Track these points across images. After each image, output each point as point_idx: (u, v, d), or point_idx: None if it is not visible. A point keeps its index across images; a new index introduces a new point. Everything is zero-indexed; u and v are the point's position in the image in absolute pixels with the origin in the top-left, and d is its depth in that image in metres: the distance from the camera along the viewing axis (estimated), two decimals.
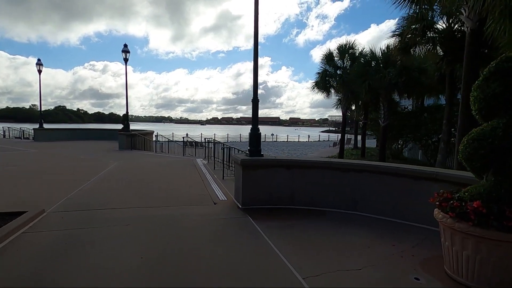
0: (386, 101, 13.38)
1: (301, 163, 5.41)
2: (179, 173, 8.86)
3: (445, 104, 14.89)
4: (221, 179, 8.16)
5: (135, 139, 15.97)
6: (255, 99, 5.62)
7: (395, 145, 17.21)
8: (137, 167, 10.01)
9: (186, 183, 7.38)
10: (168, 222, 4.37)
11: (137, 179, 7.81)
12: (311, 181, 5.36)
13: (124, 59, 15.34)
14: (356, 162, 5.14)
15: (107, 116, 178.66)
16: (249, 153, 5.53)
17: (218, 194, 6.40)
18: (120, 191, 6.32)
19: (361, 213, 5.08)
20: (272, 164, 5.40)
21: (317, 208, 5.33)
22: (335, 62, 15.65)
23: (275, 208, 5.34)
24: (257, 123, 5.70)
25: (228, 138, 40.99)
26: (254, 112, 5.65)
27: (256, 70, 5.60)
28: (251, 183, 5.35)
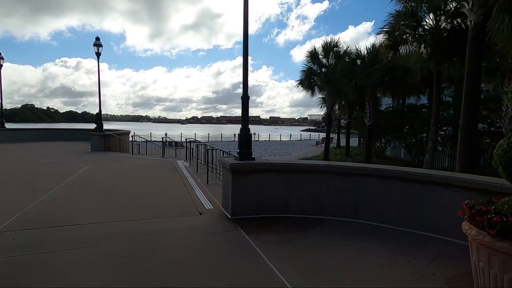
0: (372, 99, 13.27)
1: (297, 167, 4.89)
2: (159, 178, 8.08)
3: (428, 104, 15.07)
4: (205, 183, 7.50)
5: (109, 140, 14.84)
6: (245, 96, 5.03)
7: (378, 144, 17.25)
8: (110, 171, 9.10)
9: (167, 190, 6.66)
10: (147, 241, 3.68)
11: (110, 186, 6.97)
12: (308, 187, 4.87)
13: (96, 53, 14.17)
14: (358, 166, 4.69)
15: (80, 115, 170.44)
16: (238, 156, 4.94)
17: (203, 201, 5.75)
18: (89, 202, 5.50)
19: (363, 221, 4.64)
20: (265, 169, 4.84)
21: (315, 217, 4.84)
22: (320, 60, 15.37)
23: (269, 217, 4.79)
24: (248, 122, 5.12)
25: (209, 138, 40.00)
26: (243, 111, 5.06)
27: (246, 65, 5.02)
28: (242, 190, 4.77)
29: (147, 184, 7.23)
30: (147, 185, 7.07)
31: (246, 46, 4.98)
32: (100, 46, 14.16)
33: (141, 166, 10.13)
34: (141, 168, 9.67)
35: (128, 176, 8.34)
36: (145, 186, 6.95)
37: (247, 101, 5.07)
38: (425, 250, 3.58)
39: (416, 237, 4.04)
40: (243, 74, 5.02)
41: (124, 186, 6.99)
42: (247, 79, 5.04)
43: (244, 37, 4.96)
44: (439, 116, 9.64)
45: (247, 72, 5.04)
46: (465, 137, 4.98)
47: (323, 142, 31.55)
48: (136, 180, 7.77)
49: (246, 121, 5.09)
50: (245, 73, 5.01)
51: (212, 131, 56.28)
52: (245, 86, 5.04)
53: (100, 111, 14.93)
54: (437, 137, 10.01)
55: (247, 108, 5.08)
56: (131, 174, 8.63)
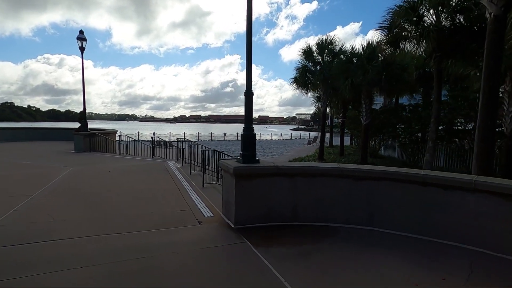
0: (368, 98, 13.04)
1: (305, 170, 4.46)
2: (150, 181, 7.50)
3: (423, 103, 15.00)
4: (200, 186, 6.99)
5: (94, 140, 14.04)
6: (248, 92, 4.56)
7: (372, 143, 17.11)
8: (96, 174, 8.43)
9: (160, 195, 6.11)
10: (140, 260, 3.16)
11: (97, 191, 6.36)
12: (317, 192, 4.46)
13: (80, 47, 13.32)
14: (372, 169, 4.31)
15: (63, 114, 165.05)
16: (242, 158, 4.46)
17: (201, 208, 5.25)
18: (72, 211, 4.90)
19: (378, 229, 4.26)
20: (271, 173, 4.39)
21: (326, 224, 4.44)
22: (315, 58, 15.03)
23: (276, 226, 4.35)
24: (251, 121, 4.65)
25: (199, 137, 39.20)
26: (247, 108, 4.59)
27: (250, 59, 4.54)
28: (246, 197, 4.31)
29: (138, 188, 6.65)
30: (138, 190, 6.49)
31: (250, 39, 4.51)
32: (84, 40, 13.32)
33: (129, 168, 9.49)
34: (130, 170, 9.04)
35: (116, 179, 7.71)
36: (136, 191, 6.37)
37: (251, 98, 4.61)
38: (455, 263, 3.22)
39: (439, 247, 3.69)
40: (246, 69, 4.56)
41: (112, 191, 6.39)
42: (250, 74, 4.57)
43: (248, 29, 4.50)
44: (439, 115, 9.45)
45: (250, 67, 4.57)
46: (484, 135, 4.70)
47: (314, 141, 31.42)
48: (125, 184, 7.17)
49: (249, 120, 4.62)
50: (248, 67, 4.54)
51: (202, 130, 55.42)
52: (249, 81, 4.57)
53: (85, 109, 14.09)
54: (437, 136, 9.82)
55: (250, 106, 4.61)
56: (119, 177, 8.00)
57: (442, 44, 8.55)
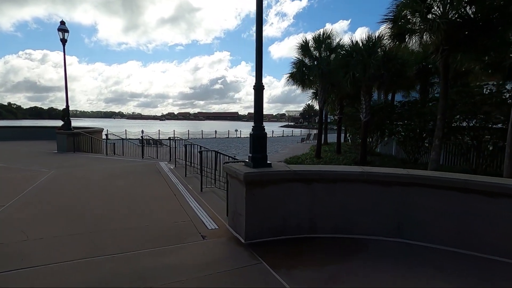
0: (368, 94, 12.61)
1: (325, 175, 3.89)
2: (142, 185, 6.79)
3: (421, 99, 14.70)
4: (198, 191, 6.35)
5: (79, 139, 13.08)
6: (258, 85, 3.94)
7: (369, 140, 16.77)
8: (81, 178, 7.62)
9: (155, 202, 5.42)
10: None
11: (80, 199, 5.61)
12: (338, 199, 3.91)
13: (62, 39, 12.31)
14: (402, 173, 3.77)
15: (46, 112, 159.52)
16: (252, 162, 3.85)
17: (202, 217, 4.61)
18: (51, 226, 4.17)
19: (408, 241, 3.76)
20: (286, 178, 3.80)
21: (348, 236, 3.90)
22: (312, 53, 14.48)
23: (292, 240, 3.78)
24: (262, 118, 4.04)
25: (189, 135, 38.22)
26: (256, 104, 3.97)
27: (260, 44, 3.92)
28: (258, 207, 3.71)
29: (129, 195, 5.93)
30: (129, 197, 5.78)
31: (260, 21, 3.88)
32: (66, 31, 12.31)
33: (118, 171, 8.70)
34: (119, 173, 8.26)
35: (104, 184, 6.95)
36: (127, 198, 5.66)
37: (262, 92, 3.99)
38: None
39: (485, 263, 3.20)
40: (256, 57, 3.92)
41: (99, 199, 5.65)
42: (261, 63, 3.95)
43: (258, 10, 3.87)
44: (446, 111, 9.06)
45: (261, 55, 3.94)
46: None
47: (308, 138, 31.05)
48: (114, 189, 6.42)
49: (260, 117, 4.01)
50: (258, 55, 3.92)
51: (191, 128, 54.32)
52: (259, 72, 3.94)
53: (68, 106, 13.10)
54: (444, 133, 9.46)
55: (261, 101, 4.00)
56: (106, 181, 7.23)
57: (451, 37, 8.13)
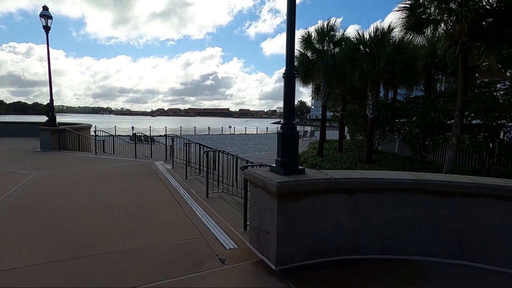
0: (375, 90, 12.00)
1: (371, 184, 3.18)
2: (137, 191, 5.95)
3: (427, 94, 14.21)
4: (204, 197, 5.58)
5: (65, 136, 12.04)
6: (290, 73, 3.18)
7: None
8: (66, 182, 6.71)
9: (155, 213, 4.62)
10: None
11: (66, 211, 4.75)
12: (385, 213, 3.22)
13: (44, 26, 11.19)
14: (466, 182, 3.10)
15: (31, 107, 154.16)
16: (282, 168, 3.11)
17: (215, 232, 3.86)
18: (27, 248, 3.33)
19: (471, 263, 3.10)
20: (326, 188, 3.07)
21: (396, 257, 3.23)
22: (315, 46, 13.77)
23: (332, 263, 3.08)
24: (293, 115, 3.30)
25: (182, 131, 37.11)
26: (288, 95, 3.22)
27: (293, 26, 3.15)
28: (292, 224, 2.98)
29: (124, 203, 5.09)
30: (124, 206, 4.94)
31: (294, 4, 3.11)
32: (50, 17, 11.19)
33: (110, 172, 7.81)
34: (111, 176, 7.37)
35: (93, 190, 6.07)
36: (121, 208, 4.82)
37: (294, 81, 3.23)
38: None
39: None
40: (287, 40, 3.16)
41: (88, 209, 4.81)
42: (293, 47, 3.19)
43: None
44: (465, 108, 8.52)
45: (293, 32, 3.18)
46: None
47: (305, 136, 30.44)
48: (105, 196, 5.57)
49: (291, 113, 3.26)
50: (290, 38, 3.15)
51: (182, 124, 52.99)
52: (291, 57, 3.18)
53: (52, 100, 12.01)
54: (462, 132, 8.93)
55: (292, 92, 3.24)
56: (97, 186, 6.35)
57: (474, 28, 7.53)
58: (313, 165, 13.04)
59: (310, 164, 13.22)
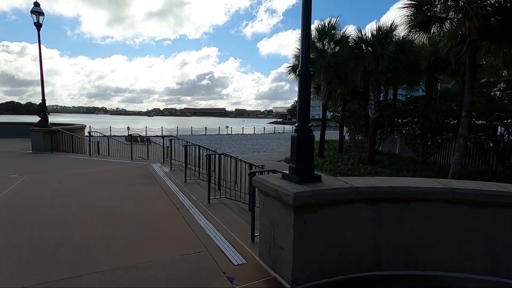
0: (377, 89, 11.76)
1: (396, 193, 2.87)
2: (134, 197, 5.59)
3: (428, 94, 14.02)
4: (205, 203, 5.24)
5: (57, 137, 11.59)
6: (305, 70, 2.87)
7: None
8: (58, 188, 6.32)
9: (154, 222, 4.27)
10: None
11: (56, 218, 4.38)
12: (411, 225, 2.93)
13: (36, 23, 10.74)
14: (501, 190, 2.81)
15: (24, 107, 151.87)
16: (296, 175, 2.80)
17: (220, 244, 3.53)
18: (13, 265, 2.98)
19: (507, 280, 2.81)
20: (346, 198, 2.77)
21: (422, 274, 2.95)
22: (316, 44, 13.48)
23: (352, 281, 2.79)
24: (308, 116, 2.99)
25: (178, 131, 36.65)
26: (303, 95, 2.92)
27: (309, 18, 2.84)
28: (310, 239, 2.67)
29: (120, 211, 4.73)
30: (120, 214, 4.58)
31: None
32: (41, 14, 10.75)
33: (105, 176, 7.42)
34: (106, 180, 6.99)
35: (87, 196, 5.70)
36: (117, 217, 4.47)
37: (309, 79, 2.92)
38: None
39: None
40: (302, 34, 2.86)
41: (81, 218, 4.45)
42: (309, 43, 2.88)
43: None
44: (473, 108, 8.29)
45: (309, 30, 2.88)
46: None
47: None
48: (100, 203, 5.20)
49: (306, 114, 2.95)
50: (306, 31, 2.85)
51: (179, 124, 52.46)
52: (307, 52, 2.87)
53: (44, 99, 11.56)
54: (470, 133, 8.70)
55: (308, 91, 2.94)
56: (91, 191, 5.97)
57: (484, 26, 7.29)
58: (315, 167, 12.72)
59: None
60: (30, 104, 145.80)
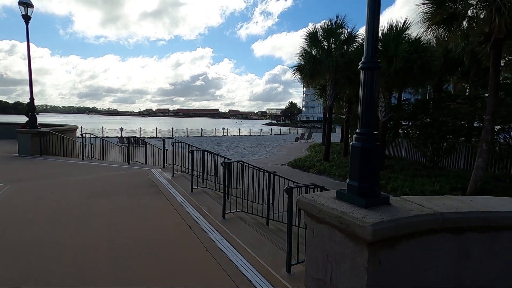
0: (388, 91, 11.25)
1: (488, 219, 2.26)
2: (136, 211, 4.86)
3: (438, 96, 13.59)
4: (220, 217, 4.58)
5: (47, 140, 10.72)
6: (371, 62, 2.25)
7: None
8: (47, 200, 5.55)
9: (165, 247, 3.57)
10: None
11: (43, 239, 3.65)
12: (503, 258, 2.30)
13: (24, 16, 9.88)
14: None
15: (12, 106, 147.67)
16: (360, 196, 2.16)
17: (250, 276, 2.89)
18: None
19: None
20: (428, 228, 2.13)
21: None
22: (322, 43, 12.91)
23: None
24: (373, 121, 2.34)
25: (173, 133, 35.70)
26: (368, 95, 2.28)
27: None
28: (386, 282, 2.02)
29: (122, 232, 4.01)
30: (124, 238, 3.86)
31: None
32: (30, 6, 9.90)
33: (101, 185, 6.65)
34: (103, 189, 6.22)
35: (82, 210, 4.95)
36: (120, 241, 3.74)
37: (376, 73, 2.29)
38: None
39: None
40: (369, 17, 2.22)
41: (78, 243, 3.71)
42: (377, 25, 2.25)
43: None
44: (498, 110, 7.82)
45: (378, 11, 2.24)
46: None
47: (302, 138, 29.65)
48: (99, 221, 4.46)
49: (371, 116, 2.31)
50: (374, 12, 2.21)
51: (173, 125, 51.43)
52: (374, 39, 2.24)
53: (32, 98, 10.67)
54: (494, 137, 8.23)
55: (373, 88, 2.30)
56: (87, 205, 5.20)
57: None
58: (321, 171, 12.15)
59: (317, 170, 12.33)
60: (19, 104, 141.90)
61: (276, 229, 5.03)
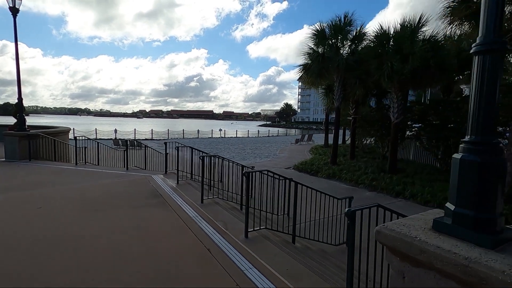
0: (401, 91, 10.72)
1: None
2: (144, 229, 4.14)
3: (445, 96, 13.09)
4: (241, 236, 3.89)
5: (36, 143, 9.88)
6: (494, 42, 1.59)
7: (382, 144, 15.04)
8: (36, 216, 4.77)
9: (182, 280, 2.87)
10: None
11: (31, 268, 2.92)
12: None
13: (11, 8, 9.06)
14: None
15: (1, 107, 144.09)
16: (487, 236, 1.50)
17: None
18: None
19: None
20: None
21: None
22: (331, 42, 12.33)
23: None
24: (494, 126, 1.68)
25: (169, 135, 34.79)
26: (488, 83, 1.62)
27: None
28: None
29: (127, 257, 3.29)
30: (130, 266, 3.14)
31: None
32: None
33: (98, 195, 5.88)
34: (99, 201, 5.47)
35: (77, 229, 4.20)
36: (126, 271, 3.03)
37: (499, 58, 1.64)
38: None
39: None
40: None
41: (68, 267, 2.99)
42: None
43: None
44: None
45: None
46: None
47: (302, 139, 29.05)
48: (98, 243, 3.73)
49: (492, 116, 1.65)
50: None
51: (168, 126, 50.44)
52: (499, 12, 1.59)
53: (21, 98, 9.82)
54: None
55: (496, 77, 1.64)
56: (82, 221, 4.45)
57: None
58: (330, 175, 11.53)
59: (326, 174, 11.71)
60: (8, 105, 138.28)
61: (303, 247, 4.37)
